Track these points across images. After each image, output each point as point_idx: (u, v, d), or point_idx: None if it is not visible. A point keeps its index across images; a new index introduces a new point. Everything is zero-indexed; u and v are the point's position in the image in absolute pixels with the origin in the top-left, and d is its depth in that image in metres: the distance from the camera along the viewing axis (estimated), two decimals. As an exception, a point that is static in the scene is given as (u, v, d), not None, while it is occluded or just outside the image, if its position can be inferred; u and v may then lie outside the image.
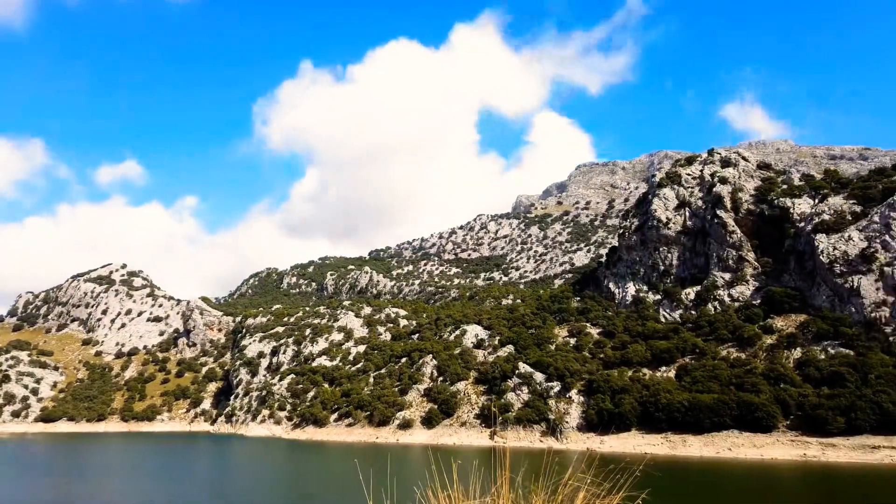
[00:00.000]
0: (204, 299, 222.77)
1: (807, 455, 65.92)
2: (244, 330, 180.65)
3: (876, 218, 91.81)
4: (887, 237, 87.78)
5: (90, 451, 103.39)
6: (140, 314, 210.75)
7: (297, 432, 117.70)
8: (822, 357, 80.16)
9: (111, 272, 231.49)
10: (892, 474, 55.91)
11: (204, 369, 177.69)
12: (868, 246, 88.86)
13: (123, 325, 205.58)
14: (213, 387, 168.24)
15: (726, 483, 56.13)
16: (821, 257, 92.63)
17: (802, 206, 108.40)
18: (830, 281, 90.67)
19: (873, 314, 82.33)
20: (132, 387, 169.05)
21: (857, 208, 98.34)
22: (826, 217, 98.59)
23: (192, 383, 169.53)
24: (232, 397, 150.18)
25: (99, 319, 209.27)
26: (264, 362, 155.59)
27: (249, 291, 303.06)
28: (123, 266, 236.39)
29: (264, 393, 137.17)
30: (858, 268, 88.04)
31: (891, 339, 78.49)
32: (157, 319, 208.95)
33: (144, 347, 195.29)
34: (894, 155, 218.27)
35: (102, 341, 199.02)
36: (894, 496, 46.32)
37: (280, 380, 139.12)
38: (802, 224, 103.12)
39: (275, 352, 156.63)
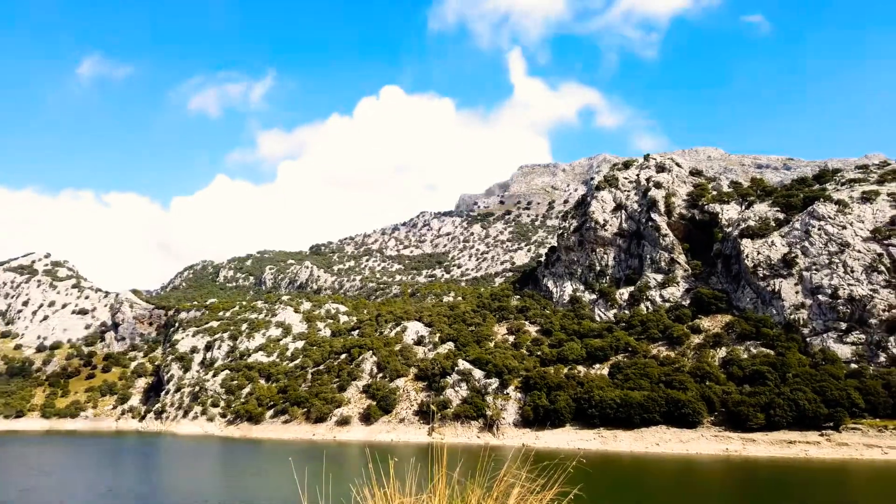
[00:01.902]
0: (134, 292, 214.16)
1: (729, 450, 69.18)
2: (177, 324, 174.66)
3: (797, 225, 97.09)
4: (807, 243, 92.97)
5: (6, 451, 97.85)
6: (64, 306, 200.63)
7: (230, 429, 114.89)
8: (745, 356, 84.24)
9: (33, 262, 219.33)
10: (805, 468, 59.39)
11: (133, 364, 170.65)
12: (789, 251, 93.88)
13: (46, 318, 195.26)
14: (142, 382, 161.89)
15: (651, 478, 58.26)
16: (746, 261, 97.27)
17: (730, 212, 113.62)
18: (754, 284, 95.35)
19: (792, 316, 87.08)
20: (54, 382, 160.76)
21: (781, 215, 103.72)
22: (752, 223, 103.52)
23: (120, 379, 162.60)
24: (162, 393, 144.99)
25: (19, 311, 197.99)
26: (198, 357, 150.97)
27: (183, 284, 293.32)
28: (47, 255, 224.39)
29: (197, 389, 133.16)
30: (780, 272, 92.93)
31: (808, 339, 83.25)
32: (83, 312, 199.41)
33: (69, 341, 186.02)
34: (815, 166, 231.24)
35: (23, 334, 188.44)
36: (805, 488, 49.23)
37: (214, 375, 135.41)
38: (730, 229, 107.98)
39: (209, 347, 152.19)
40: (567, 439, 79.42)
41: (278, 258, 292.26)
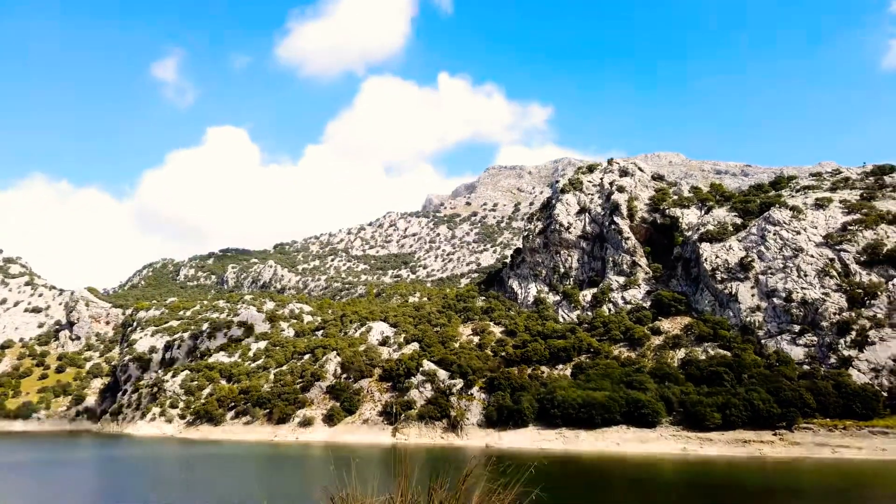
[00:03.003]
0: (90, 290, 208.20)
1: (687, 449, 70.75)
2: (135, 323, 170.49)
3: (754, 230, 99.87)
4: (762, 248, 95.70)
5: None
6: (17, 304, 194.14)
7: (190, 431, 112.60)
8: (703, 357, 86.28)
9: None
10: (758, 466, 61.10)
11: (88, 364, 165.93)
12: (746, 255, 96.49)
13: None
14: (98, 383, 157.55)
15: (610, 477, 59.24)
16: (704, 265, 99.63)
17: (690, 216, 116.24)
18: (712, 287, 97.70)
19: (748, 318, 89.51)
20: (5, 382, 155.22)
21: (738, 220, 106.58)
22: (710, 227, 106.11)
23: (75, 379, 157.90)
24: (119, 394, 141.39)
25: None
26: (156, 357, 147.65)
27: (142, 283, 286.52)
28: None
29: (155, 390, 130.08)
30: (737, 275, 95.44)
31: (763, 341, 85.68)
32: (37, 310, 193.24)
33: (21, 340, 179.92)
34: (772, 172, 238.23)
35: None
36: (757, 485, 50.70)
37: (173, 376, 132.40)
38: (690, 233, 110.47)
39: (168, 347, 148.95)
40: (530, 439, 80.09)
41: (241, 257, 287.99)
